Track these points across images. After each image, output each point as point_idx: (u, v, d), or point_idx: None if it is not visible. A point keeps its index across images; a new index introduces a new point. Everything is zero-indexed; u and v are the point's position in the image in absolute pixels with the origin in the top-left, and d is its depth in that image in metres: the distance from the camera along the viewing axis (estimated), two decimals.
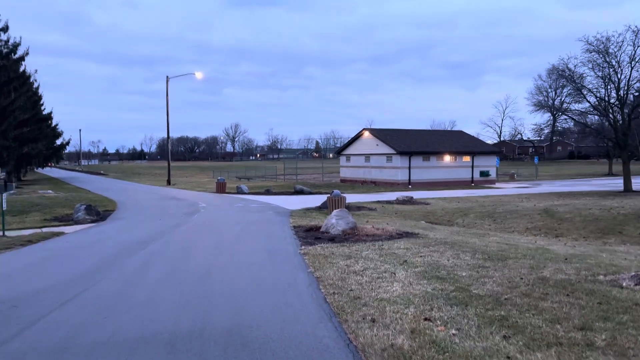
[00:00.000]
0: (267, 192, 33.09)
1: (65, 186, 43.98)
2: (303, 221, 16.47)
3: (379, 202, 26.61)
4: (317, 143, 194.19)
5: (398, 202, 26.09)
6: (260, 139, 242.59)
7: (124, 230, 15.34)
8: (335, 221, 13.03)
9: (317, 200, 26.24)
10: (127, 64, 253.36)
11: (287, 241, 12.18)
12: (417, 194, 30.46)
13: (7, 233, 15.84)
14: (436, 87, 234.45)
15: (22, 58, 36.31)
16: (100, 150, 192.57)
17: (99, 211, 20.36)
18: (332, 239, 12.08)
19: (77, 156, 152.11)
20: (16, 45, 35.55)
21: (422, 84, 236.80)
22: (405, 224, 16.67)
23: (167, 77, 46.27)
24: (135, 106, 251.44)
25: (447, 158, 43.72)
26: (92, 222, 18.55)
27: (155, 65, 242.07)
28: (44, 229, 16.73)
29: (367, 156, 44.96)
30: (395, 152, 41.22)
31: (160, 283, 7.73)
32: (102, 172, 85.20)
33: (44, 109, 57.66)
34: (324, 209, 21.59)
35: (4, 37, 35.26)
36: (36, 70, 48.02)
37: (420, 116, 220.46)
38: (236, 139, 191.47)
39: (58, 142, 51.11)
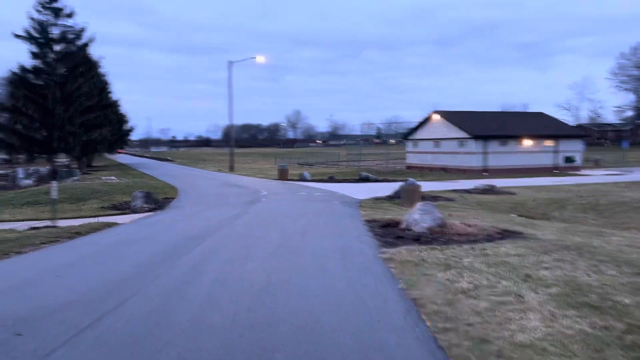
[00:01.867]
0: (331, 180, 31.25)
1: (131, 172, 44.42)
2: (376, 214, 14.41)
3: (455, 191, 24.01)
4: (378, 129, 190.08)
5: (478, 191, 23.38)
6: (321, 126, 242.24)
7: (179, 222, 13.97)
8: (420, 217, 10.87)
9: (385, 188, 24.06)
10: (193, 53, 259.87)
11: (362, 239, 10.18)
12: (496, 182, 27.47)
13: (59, 223, 14.97)
14: (504, 69, 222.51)
15: (87, 44, 36.41)
16: (169, 137, 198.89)
17: (157, 199, 19.32)
18: (417, 239, 9.95)
19: (147, 143, 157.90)
20: (81, 31, 35.67)
21: (489, 66, 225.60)
22: (497, 219, 14.21)
23: (229, 61, 45.46)
24: (201, 94, 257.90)
25: (527, 142, 39.93)
26: (150, 210, 17.48)
27: (219, 54, 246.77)
28: (99, 219, 15.77)
29: (437, 141, 42.00)
30: (469, 136, 38.06)
31: (209, 298, 5.98)
32: (169, 158, 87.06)
33: (112, 95, 58.92)
34: (395, 198, 19.41)
35: (70, 23, 35.44)
36: (101, 56, 48.60)
37: (487, 100, 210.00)
38: (297, 126, 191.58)
39: (123, 128, 51.83)
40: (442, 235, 10.30)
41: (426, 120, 44.01)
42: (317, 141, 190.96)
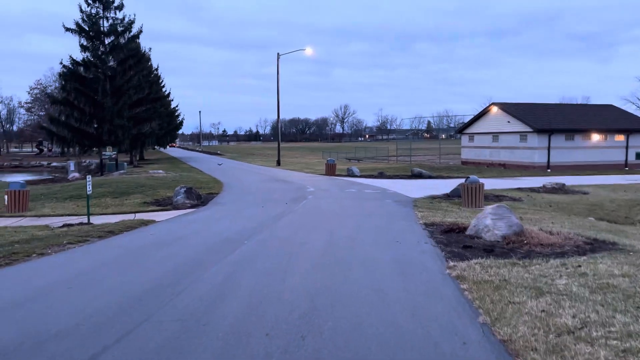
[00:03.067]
0: (381, 175, 29.65)
1: (181, 165, 44.45)
2: (435, 216, 12.80)
3: (520, 189, 21.89)
4: (429, 123, 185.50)
5: (546, 190, 21.19)
6: (369, 120, 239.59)
7: (219, 221, 12.91)
8: (492, 222, 9.23)
9: (441, 186, 22.29)
10: (243, 48, 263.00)
11: (423, 248, 8.68)
12: (564, 180, 25.01)
13: (96, 219, 14.29)
14: (562, 60, 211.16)
15: (136, 36, 36.33)
16: (220, 131, 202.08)
17: (199, 195, 18.45)
18: (490, 250, 8.34)
19: (198, 137, 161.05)
20: (131, 23, 35.59)
21: (546, 57, 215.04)
22: (576, 224, 12.29)
23: (277, 54, 44.52)
24: (251, 89, 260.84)
25: (596, 137, 36.73)
26: (191, 207, 16.60)
27: (268, 49, 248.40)
28: (138, 215, 15.01)
29: (495, 135, 39.41)
30: (531, 130, 35.35)
31: (236, 331, 4.71)
32: (218, 152, 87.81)
33: (162, 89, 59.52)
34: (454, 197, 17.67)
35: (119, 15, 35.45)
36: (150, 49, 48.66)
37: (545, 93, 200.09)
38: (345, 120, 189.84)
39: (173, 122, 52.08)
40: (521, 245, 8.64)
41: (483, 113, 41.43)
42: (365, 135, 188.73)
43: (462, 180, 21.29)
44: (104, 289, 6.21)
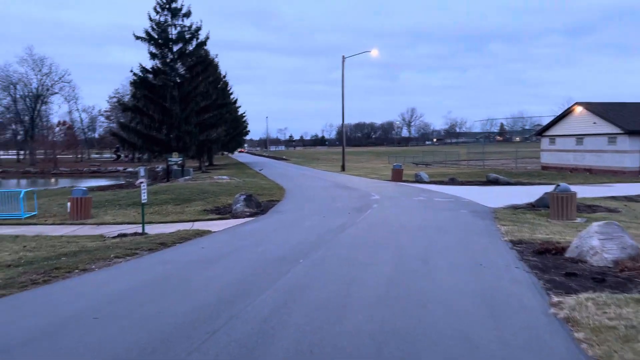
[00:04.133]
0: (452, 182, 27.68)
1: (247, 171, 44.53)
2: (521, 231, 11.06)
3: (613, 198, 19.33)
4: (502, 125, 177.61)
5: None
6: (437, 123, 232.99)
7: (275, 233, 11.90)
8: (600, 243, 7.50)
9: (522, 193, 20.15)
10: (310, 54, 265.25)
11: (514, 275, 7.13)
12: None
13: (153, 228, 13.78)
14: None
15: (203, 43, 36.64)
16: (287, 136, 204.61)
17: (259, 202, 17.66)
18: (601, 279, 6.67)
19: (265, 142, 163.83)
20: (197, 30, 35.90)
21: (631, 55, 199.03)
22: None
23: (342, 56, 43.56)
24: (317, 95, 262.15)
25: None
26: (250, 215, 15.81)
27: (335, 54, 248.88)
28: (195, 224, 14.39)
29: (580, 137, 36.02)
30: (621, 132, 31.87)
31: None
32: (284, 157, 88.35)
33: (232, 97, 60.36)
34: (540, 208, 15.65)
35: (187, 22, 35.87)
36: (217, 55, 49.46)
37: (630, 92, 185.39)
38: (412, 124, 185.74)
39: (239, 128, 52.45)
40: (638, 272, 6.88)
41: (565, 113, 38.07)
42: (433, 139, 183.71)
43: (546, 188, 19.09)
44: (132, 322, 5.29)
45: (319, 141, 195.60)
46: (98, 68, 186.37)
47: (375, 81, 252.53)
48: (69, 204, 16.59)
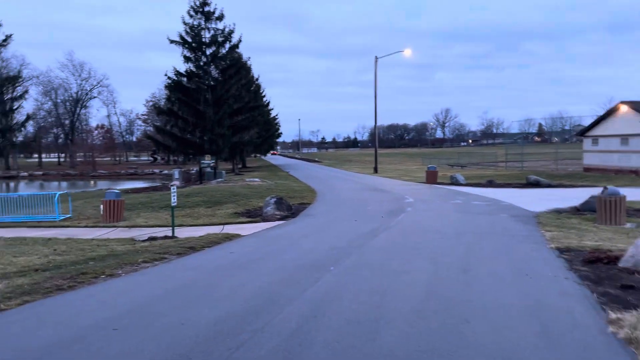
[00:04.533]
0: (490, 184, 26.73)
1: (279, 173, 44.49)
2: (568, 237, 10.34)
3: None
4: (540, 125, 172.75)
5: None
6: (472, 124, 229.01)
7: (305, 238, 11.54)
8: None
9: (565, 197, 19.16)
10: (343, 56, 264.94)
11: (563, 287, 6.53)
12: None
13: (183, 231, 13.66)
14: None
15: (236, 46, 36.76)
16: (319, 139, 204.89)
17: (290, 205, 17.37)
18: None
19: (298, 145, 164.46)
20: (230, 33, 36.02)
21: None
22: None
23: (375, 57, 43.03)
24: (349, 96, 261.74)
25: None
26: (281, 218, 15.54)
27: (367, 56, 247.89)
28: (225, 228, 14.22)
29: (625, 138, 34.31)
30: None
31: None
32: (316, 159, 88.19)
33: (265, 99, 60.58)
34: (586, 212, 14.76)
35: (219, 25, 36.06)
36: (249, 58, 49.65)
37: None
38: (446, 125, 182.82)
39: (271, 130, 52.51)
40: None
41: (609, 113, 36.37)
42: (468, 140, 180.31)
43: (590, 190, 18.09)
44: (152, 334, 5.00)
45: (351, 143, 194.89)
46: (136, 73, 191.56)
47: (408, 82, 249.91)
48: (102, 206, 16.71)
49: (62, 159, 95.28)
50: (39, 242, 12.26)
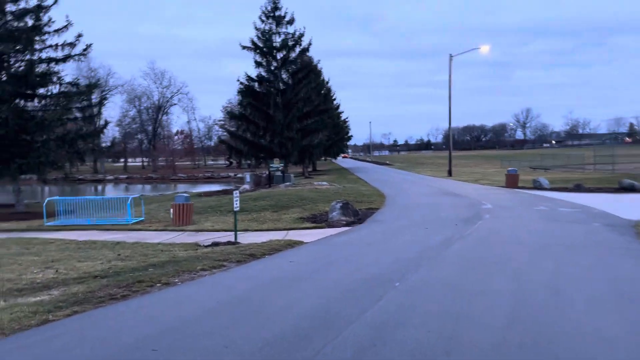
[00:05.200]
0: (578, 188, 24.40)
1: (348, 176, 43.90)
2: None
3: None
4: (631, 125, 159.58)
5: None
6: (556, 124, 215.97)
7: (370, 246, 10.77)
8: None
9: None
10: (415, 57, 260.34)
11: None
12: None
13: (247, 237, 13.37)
14: None
15: (306, 49, 36.65)
16: (391, 141, 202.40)
17: (356, 210, 16.65)
18: None
19: (369, 148, 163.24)
20: (300, 36, 35.97)
21: None
22: None
23: (450, 55, 41.23)
24: (422, 98, 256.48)
25: None
26: (346, 224, 14.87)
27: (441, 55, 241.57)
28: (289, 233, 13.79)
29: None
30: None
31: None
32: (387, 162, 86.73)
33: (331, 101, 60.32)
34: None
35: (290, 29, 36.12)
36: (319, 61, 49.49)
37: None
38: (527, 125, 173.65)
39: (341, 133, 52.04)
40: None
41: None
42: (551, 141, 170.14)
43: None
44: (191, 359, 4.51)
45: (424, 145, 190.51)
46: (215, 80, 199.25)
47: (485, 81, 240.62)
48: (171, 210, 16.91)
49: (145, 163, 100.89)
50: (107, 245, 12.45)
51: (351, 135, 61.62)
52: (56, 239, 14.07)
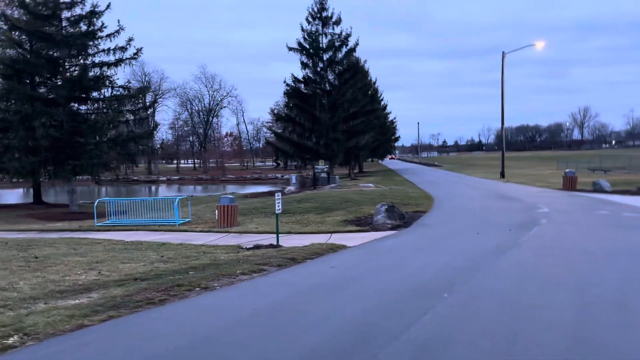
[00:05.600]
0: None
1: (395, 178, 43.12)
2: None
3: None
4: None
5: None
6: (616, 124, 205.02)
7: (416, 253, 10.25)
8: None
9: None
10: (465, 56, 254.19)
11: None
12: None
13: (289, 240, 13.14)
14: None
15: (352, 49, 36.28)
16: (440, 142, 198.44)
17: (402, 214, 16.10)
18: None
19: (417, 149, 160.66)
20: (347, 37, 35.68)
21: None
22: None
23: (502, 52, 39.73)
24: (473, 98, 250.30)
25: None
26: (391, 228, 14.38)
27: (493, 54, 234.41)
28: (332, 237, 13.47)
29: None
30: None
31: None
32: (436, 163, 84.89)
33: (382, 102, 59.58)
34: None
35: (337, 30, 35.86)
36: (366, 61, 48.95)
37: None
38: (585, 125, 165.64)
39: (387, 134, 51.25)
40: None
41: None
42: (611, 141, 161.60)
43: None
44: None
45: (475, 146, 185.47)
46: (264, 83, 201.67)
47: (539, 80, 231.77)
48: (217, 211, 16.94)
49: (197, 165, 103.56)
50: (153, 247, 12.51)
51: (398, 137, 60.75)
52: (104, 239, 14.34)
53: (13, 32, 25.89)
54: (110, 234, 16.02)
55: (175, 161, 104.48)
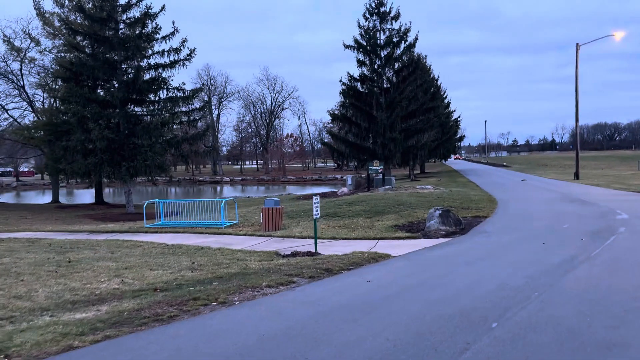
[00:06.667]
0: None
1: (458, 179, 41.09)
2: None
3: None
4: None
5: None
6: None
7: (469, 266, 9.02)
8: None
9: None
10: (537, 52, 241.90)
11: None
12: None
13: (331, 246, 12.27)
14: None
15: (412, 45, 34.78)
16: (509, 142, 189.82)
17: (459, 219, 14.74)
18: None
19: (484, 148, 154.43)
20: (406, 32, 34.22)
21: None
22: None
23: (577, 44, 36.71)
24: (545, 95, 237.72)
25: None
26: (445, 235, 13.16)
27: (565, 48, 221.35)
28: (378, 243, 12.46)
29: None
30: None
31: None
32: (504, 164, 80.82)
33: (446, 100, 57.25)
34: None
35: (395, 26, 34.52)
36: (426, 56, 47.07)
37: None
38: None
39: (450, 133, 49.04)
40: None
41: None
42: None
43: None
44: None
45: (547, 145, 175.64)
46: (325, 84, 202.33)
47: (618, 75, 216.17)
48: (261, 214, 16.38)
49: (259, 166, 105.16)
50: (190, 251, 12.08)
51: (463, 136, 58.06)
52: (146, 241, 14.14)
53: (73, 36, 26.82)
54: (156, 236, 15.87)
55: (239, 162, 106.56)
